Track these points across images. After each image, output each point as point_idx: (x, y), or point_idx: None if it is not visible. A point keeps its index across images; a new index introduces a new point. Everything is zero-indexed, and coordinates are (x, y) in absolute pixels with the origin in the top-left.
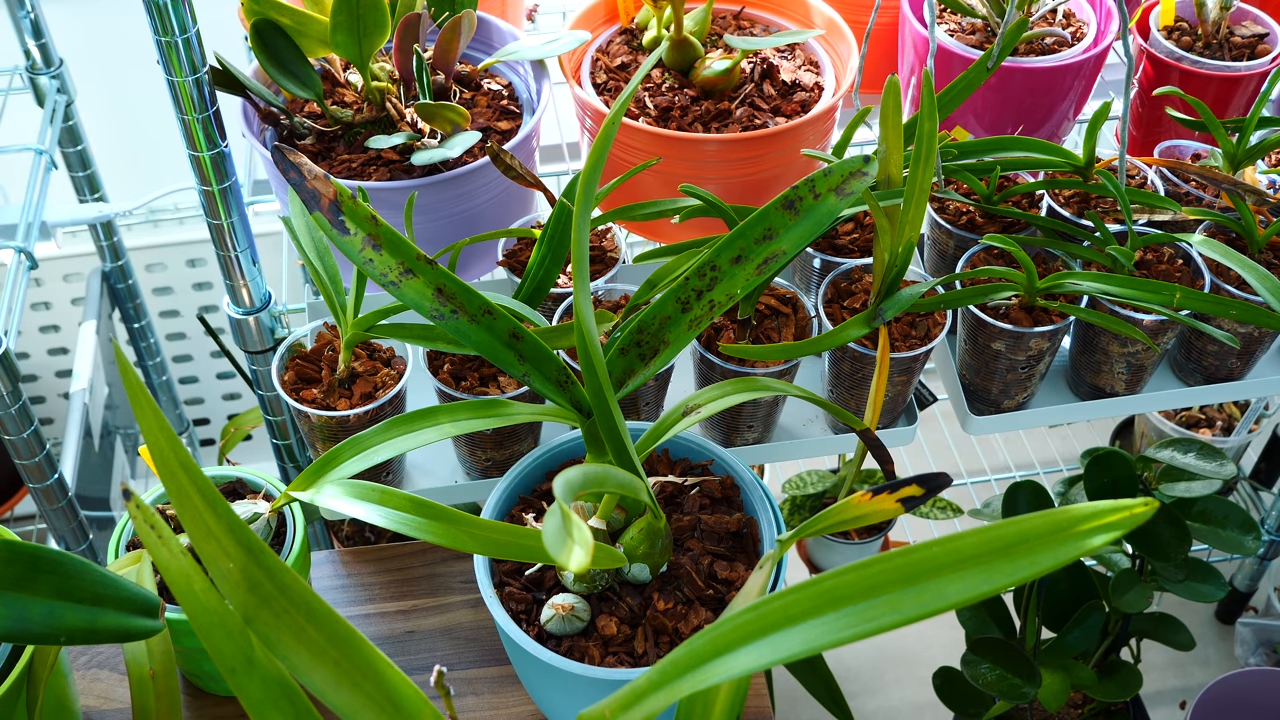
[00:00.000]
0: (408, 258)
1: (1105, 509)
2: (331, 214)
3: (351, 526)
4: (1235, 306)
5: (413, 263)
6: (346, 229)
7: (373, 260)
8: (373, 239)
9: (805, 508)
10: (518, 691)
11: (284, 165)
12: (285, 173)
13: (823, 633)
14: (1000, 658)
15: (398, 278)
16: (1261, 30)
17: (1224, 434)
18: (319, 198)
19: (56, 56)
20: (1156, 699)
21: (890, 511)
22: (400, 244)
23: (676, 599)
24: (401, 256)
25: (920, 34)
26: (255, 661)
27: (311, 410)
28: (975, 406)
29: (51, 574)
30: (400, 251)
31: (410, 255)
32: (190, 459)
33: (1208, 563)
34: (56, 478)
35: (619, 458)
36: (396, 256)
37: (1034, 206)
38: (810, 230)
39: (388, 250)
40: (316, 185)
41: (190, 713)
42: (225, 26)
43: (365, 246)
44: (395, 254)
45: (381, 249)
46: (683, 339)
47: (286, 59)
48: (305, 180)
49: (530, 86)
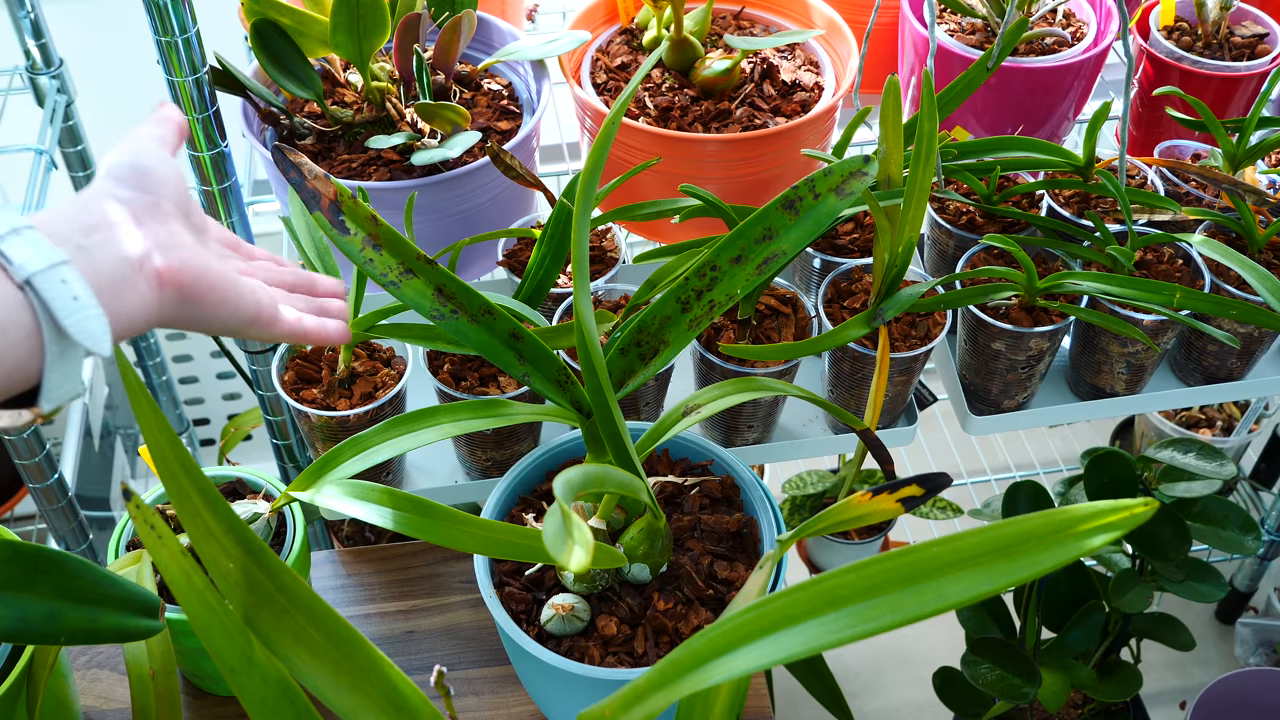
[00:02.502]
0: (408, 258)
1: (1105, 509)
2: (332, 214)
3: (351, 526)
4: (1235, 306)
5: (413, 263)
6: (347, 229)
7: (373, 260)
8: (373, 239)
9: (805, 508)
10: (518, 691)
11: (284, 165)
12: (286, 172)
13: (823, 633)
14: (1000, 658)
15: (398, 277)
16: (1261, 30)
17: (1224, 434)
18: (319, 198)
19: (56, 56)
20: (1156, 699)
21: (890, 511)
22: (400, 244)
23: (676, 599)
24: (401, 256)
25: (920, 34)
26: (255, 661)
27: (311, 410)
28: (975, 406)
29: (51, 574)
30: (400, 251)
31: (410, 255)
32: (190, 459)
33: (1208, 563)
34: (56, 478)
35: (619, 458)
36: (397, 256)
37: (1034, 206)
38: (810, 230)
39: (388, 250)
40: (317, 185)
41: (190, 713)
42: (225, 26)
43: (365, 246)
44: (395, 254)
45: (382, 249)
46: (683, 339)
47: (286, 59)
48: (305, 180)
49: (530, 86)
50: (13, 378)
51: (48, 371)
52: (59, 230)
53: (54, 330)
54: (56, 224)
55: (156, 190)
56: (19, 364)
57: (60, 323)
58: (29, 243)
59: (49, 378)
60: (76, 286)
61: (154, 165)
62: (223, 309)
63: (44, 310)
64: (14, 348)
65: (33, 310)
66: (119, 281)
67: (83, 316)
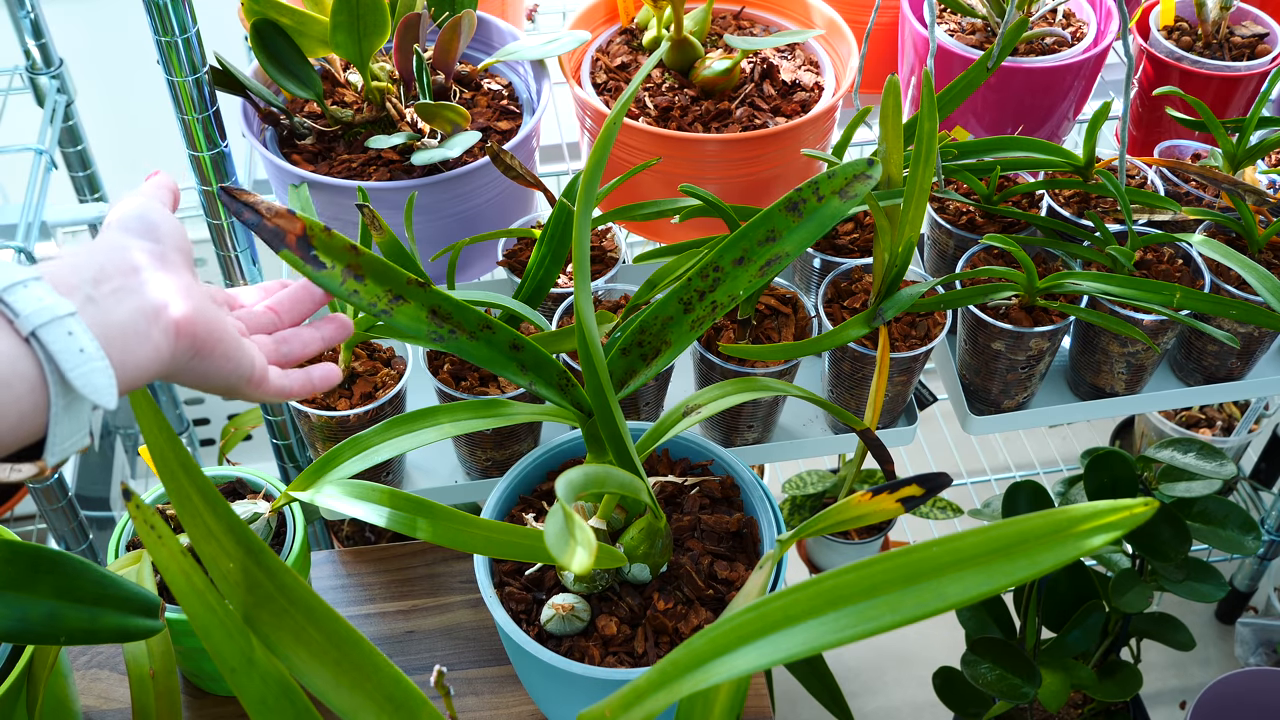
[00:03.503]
0: (396, 284)
1: (1105, 509)
2: (302, 250)
3: (351, 526)
4: (1235, 306)
5: (402, 288)
6: (321, 263)
7: (358, 291)
8: (353, 270)
9: (805, 508)
10: (518, 691)
11: (236, 208)
12: (239, 215)
13: (823, 633)
14: (1000, 658)
15: (388, 305)
16: (1261, 30)
17: (1224, 434)
18: (284, 234)
19: (56, 56)
20: (1156, 699)
21: (890, 511)
22: (386, 271)
23: (676, 599)
24: (389, 284)
25: (920, 34)
26: (255, 661)
27: (311, 410)
28: (975, 406)
29: (51, 574)
30: (387, 279)
31: (399, 281)
32: (190, 459)
33: (1208, 563)
34: (56, 478)
35: (620, 458)
36: (383, 284)
37: (1034, 206)
38: (813, 232)
39: (372, 279)
40: (279, 223)
41: (190, 713)
42: (225, 26)
43: (346, 279)
44: (381, 282)
45: (365, 278)
46: (685, 340)
47: (286, 59)
48: (265, 219)
49: (530, 86)
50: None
51: (53, 425)
52: (68, 280)
53: (60, 383)
54: (65, 274)
55: (165, 241)
56: (23, 417)
57: (65, 375)
58: (35, 294)
59: (54, 431)
60: (83, 339)
61: (160, 219)
62: (226, 364)
63: (49, 363)
64: (18, 400)
65: (38, 363)
66: (130, 333)
67: (89, 369)
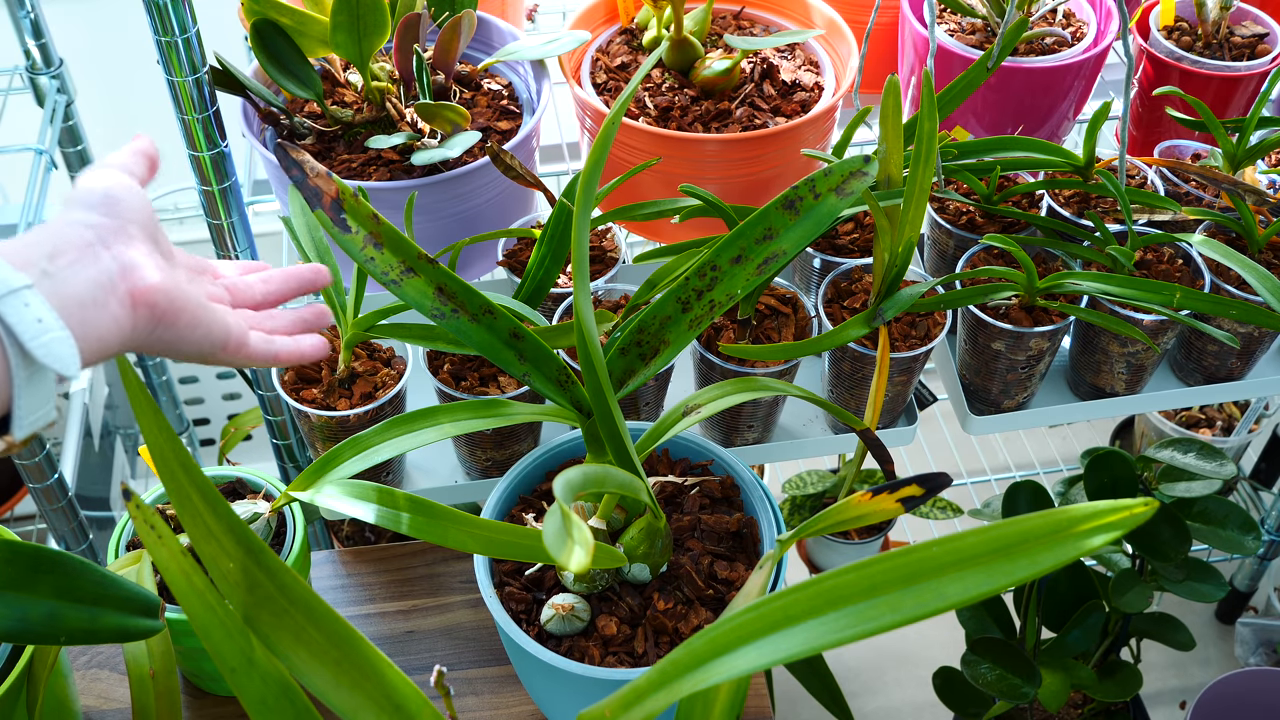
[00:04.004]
0: (409, 256)
1: (1105, 509)
2: (333, 212)
3: (351, 526)
4: (1235, 306)
5: (414, 261)
6: (348, 227)
7: (374, 259)
8: (374, 237)
9: (805, 508)
10: (518, 691)
11: (287, 162)
12: (288, 170)
13: (823, 633)
14: (1000, 658)
15: (399, 276)
16: (1261, 30)
17: (1224, 434)
18: (321, 195)
19: (56, 56)
20: (1156, 699)
21: (890, 511)
22: (402, 243)
23: (676, 599)
24: (403, 255)
25: (920, 34)
26: (255, 661)
27: (311, 410)
28: (975, 406)
29: (51, 574)
30: (402, 250)
31: (411, 254)
32: (190, 459)
33: (1208, 563)
34: (56, 478)
35: (619, 458)
36: (398, 255)
37: (1034, 206)
38: (810, 230)
39: (389, 249)
40: (319, 183)
41: (190, 713)
42: (225, 26)
43: (367, 245)
44: (397, 252)
45: (383, 247)
46: (683, 339)
47: (286, 59)
48: (308, 178)
49: (530, 86)
50: None
51: (17, 397)
52: (24, 255)
53: (20, 354)
54: (21, 250)
55: (123, 215)
56: None
57: (25, 346)
58: None
59: (19, 404)
60: (40, 309)
61: (121, 193)
62: (195, 331)
63: (8, 334)
64: None
65: None
66: (88, 304)
67: (49, 339)
